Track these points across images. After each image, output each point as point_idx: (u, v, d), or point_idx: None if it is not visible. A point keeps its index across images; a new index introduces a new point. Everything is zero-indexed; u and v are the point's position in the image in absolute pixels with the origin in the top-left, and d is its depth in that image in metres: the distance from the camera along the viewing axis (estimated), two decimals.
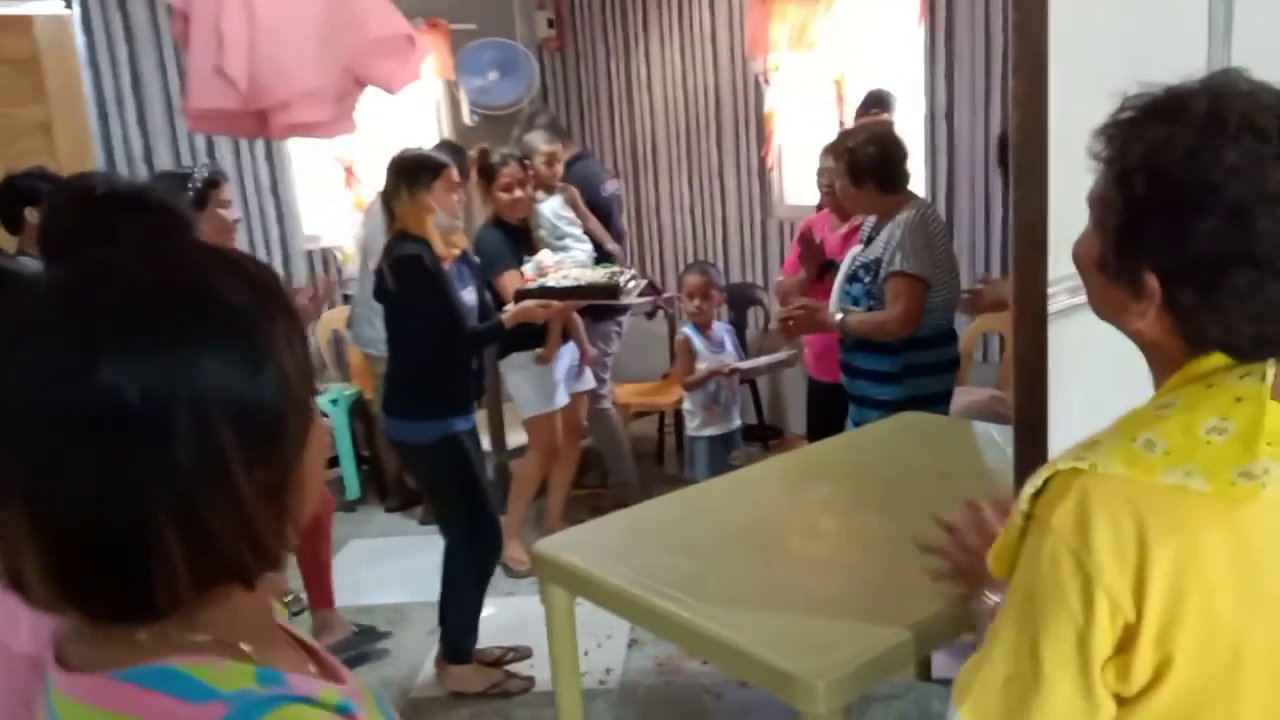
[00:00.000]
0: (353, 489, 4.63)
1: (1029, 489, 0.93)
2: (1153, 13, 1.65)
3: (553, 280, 3.38)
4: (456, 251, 2.93)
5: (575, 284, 3.36)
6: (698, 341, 3.76)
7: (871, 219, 3.10)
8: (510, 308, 3.14)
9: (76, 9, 4.30)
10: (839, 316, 2.93)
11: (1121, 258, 0.91)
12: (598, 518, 2.25)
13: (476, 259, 3.17)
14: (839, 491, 2.31)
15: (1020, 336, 1.45)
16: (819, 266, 3.42)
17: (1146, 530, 0.84)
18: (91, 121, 4.42)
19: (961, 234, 4.29)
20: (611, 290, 3.37)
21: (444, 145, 4.14)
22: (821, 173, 3.51)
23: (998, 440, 2.51)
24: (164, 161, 4.64)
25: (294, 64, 1.18)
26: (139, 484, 0.59)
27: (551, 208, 3.94)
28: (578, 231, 4.02)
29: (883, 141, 2.99)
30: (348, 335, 4.57)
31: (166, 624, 0.63)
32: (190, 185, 2.90)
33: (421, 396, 2.86)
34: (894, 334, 2.86)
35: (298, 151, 5.08)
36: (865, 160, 2.94)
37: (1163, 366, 0.95)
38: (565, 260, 3.84)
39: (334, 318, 4.76)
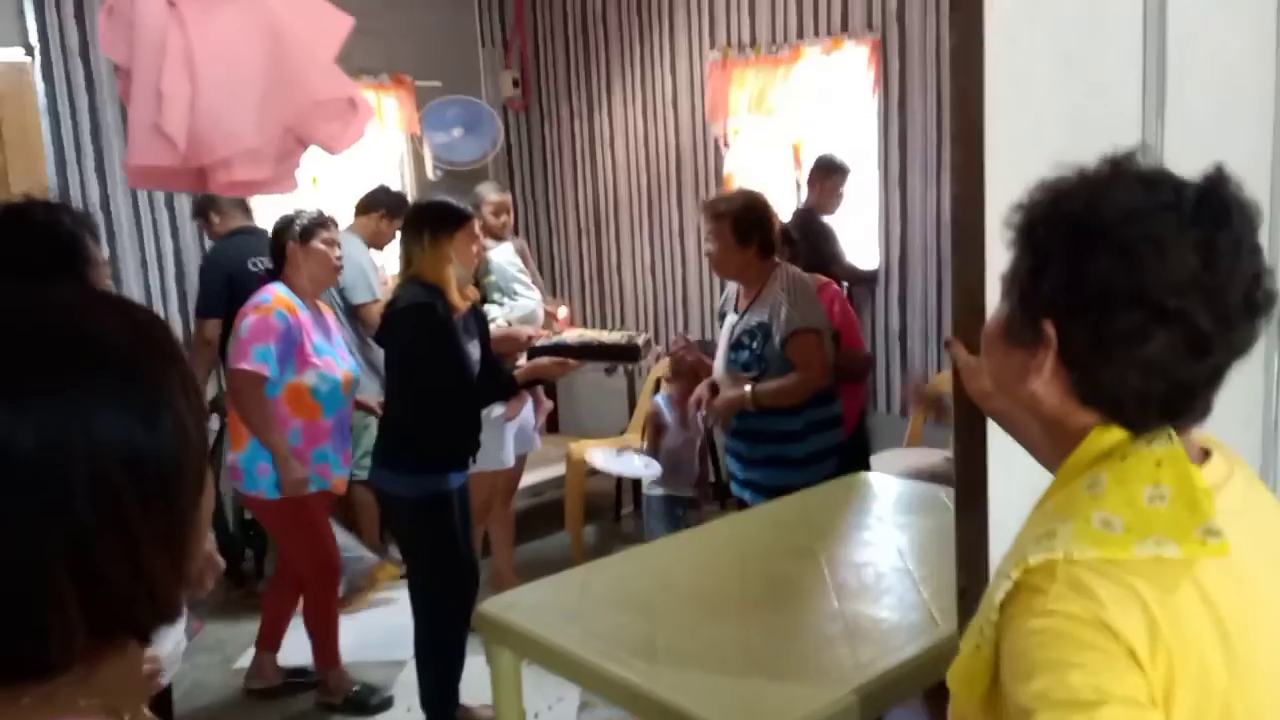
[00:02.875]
0: None
1: (1000, 594, 0.88)
2: (1089, 85, 1.72)
3: (570, 338, 3.36)
4: (467, 304, 2.87)
5: (592, 343, 3.32)
6: (668, 415, 3.66)
7: (733, 287, 3.10)
8: (523, 363, 3.10)
9: (37, 57, 4.30)
10: (748, 390, 2.88)
11: (1024, 312, 0.93)
12: (547, 576, 2.23)
13: (486, 311, 3.12)
14: (790, 551, 2.30)
15: (960, 401, 1.47)
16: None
17: (1144, 597, 0.83)
18: (49, 169, 4.38)
19: (914, 300, 4.36)
20: (633, 352, 3.30)
21: (381, 191, 4.18)
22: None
23: (947, 503, 2.53)
24: (122, 210, 4.61)
25: (235, 123, 1.19)
26: (34, 532, 0.58)
27: (502, 255, 3.96)
28: (527, 280, 4.04)
29: (764, 206, 2.99)
30: None
31: (54, 685, 0.61)
32: (298, 220, 3.03)
33: (418, 450, 2.77)
34: (816, 387, 2.89)
35: (260, 200, 5.07)
36: (753, 222, 2.92)
37: (1059, 444, 0.95)
38: (514, 308, 3.86)
39: None
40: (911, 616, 1.91)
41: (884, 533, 2.40)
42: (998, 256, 1.50)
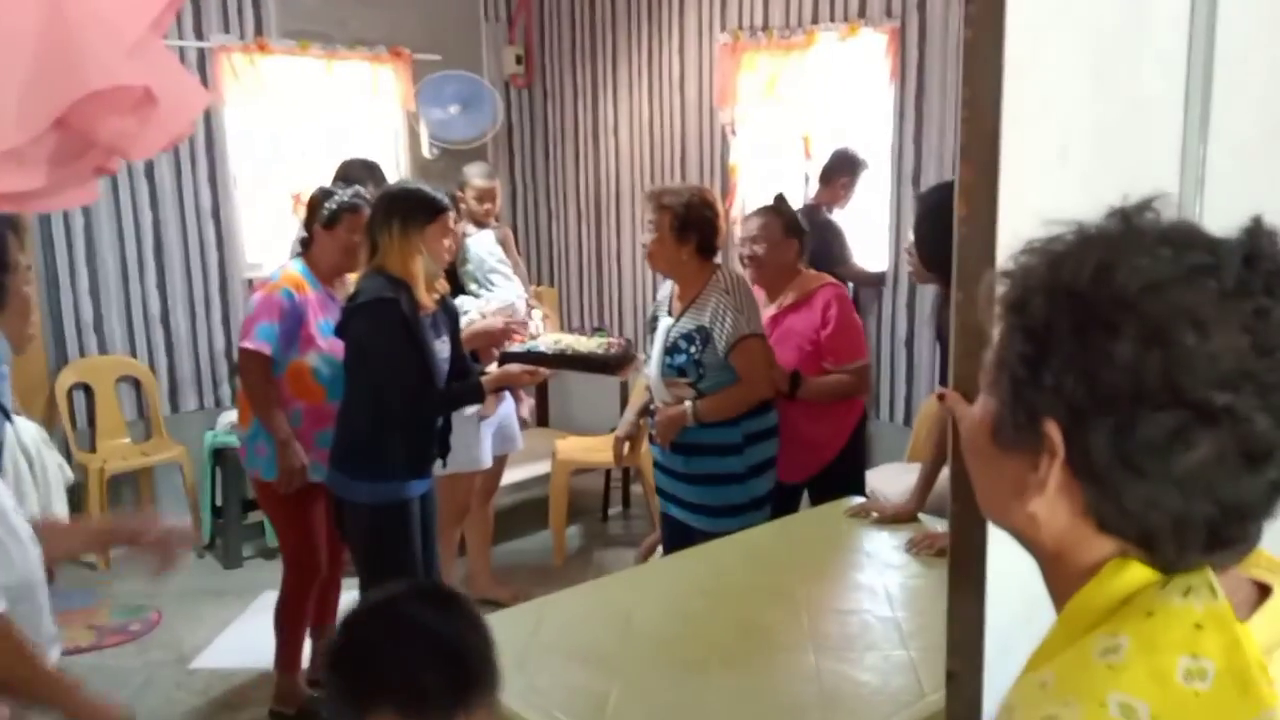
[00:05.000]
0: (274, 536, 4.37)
1: None
2: (1126, 102, 1.49)
3: (544, 345, 3.15)
4: (436, 300, 2.66)
5: (568, 352, 3.10)
6: None
7: (667, 289, 2.93)
8: (493, 369, 2.88)
9: None
10: (688, 406, 2.72)
11: (1016, 408, 0.71)
12: (497, 612, 2.03)
13: (457, 306, 2.92)
14: (767, 592, 2.10)
15: (958, 458, 1.26)
16: (787, 383, 2.95)
17: None
18: None
19: (924, 306, 4.14)
20: (609, 365, 3.09)
21: (357, 164, 3.94)
22: (745, 241, 3.09)
23: (940, 533, 2.32)
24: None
25: None
26: None
27: (481, 244, 3.74)
28: (507, 270, 3.82)
29: (712, 205, 2.81)
30: None
31: None
32: (328, 203, 2.89)
33: (372, 454, 2.58)
34: (760, 398, 2.77)
35: (243, 176, 4.87)
36: (695, 220, 2.75)
37: (1063, 579, 0.73)
38: (490, 299, 3.64)
39: None
40: (895, 681, 1.71)
41: (873, 573, 2.19)
42: None
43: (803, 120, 4.48)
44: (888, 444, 4.21)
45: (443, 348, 2.65)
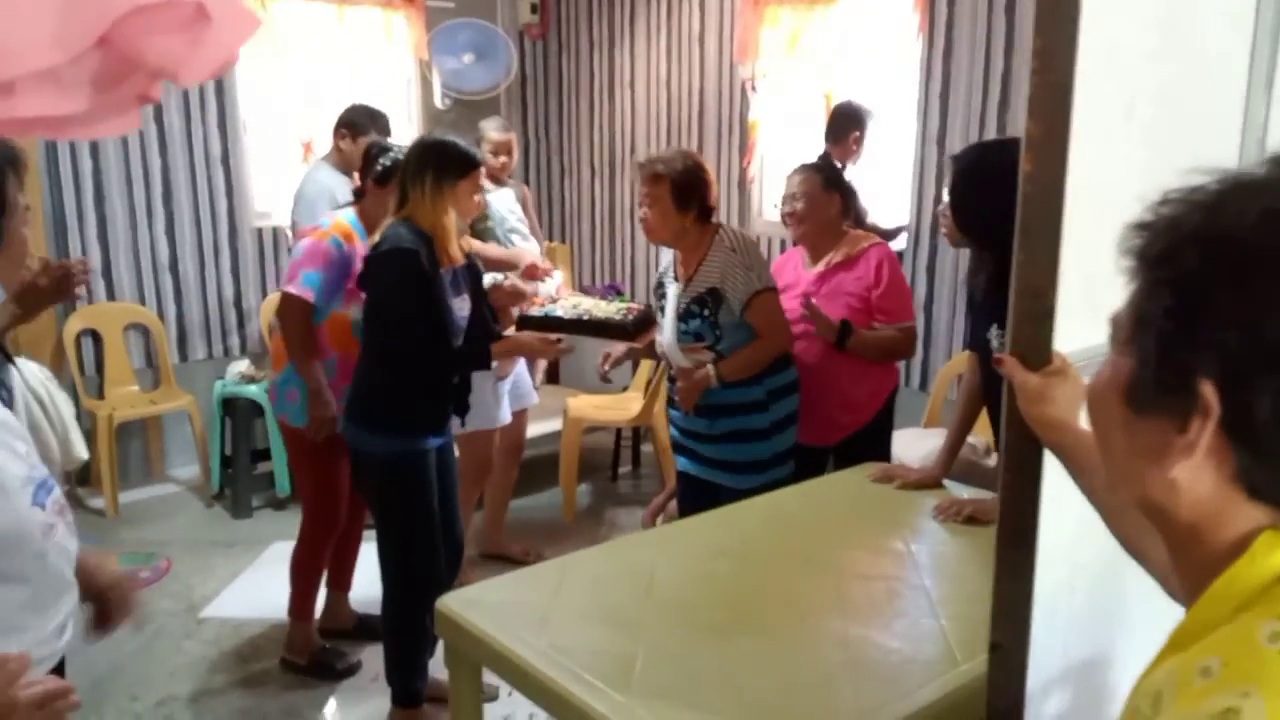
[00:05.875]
0: (284, 486, 4.35)
1: None
2: (1190, 54, 1.43)
3: (561, 310, 3.08)
4: (461, 258, 2.60)
5: (585, 318, 3.03)
6: None
7: (669, 256, 2.88)
8: (509, 336, 2.82)
9: None
10: (710, 369, 2.69)
11: (1164, 367, 0.66)
12: (517, 569, 2.00)
13: (480, 264, 2.86)
14: (793, 556, 2.07)
15: (1013, 428, 1.22)
16: (836, 333, 2.90)
17: None
18: None
19: (945, 269, 4.07)
20: (629, 331, 3.03)
21: (361, 110, 3.85)
22: (786, 199, 3.08)
23: (968, 500, 2.28)
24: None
25: (16, 33, 0.88)
26: None
27: (502, 201, 3.67)
28: (525, 229, 3.75)
29: (703, 168, 2.76)
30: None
31: None
32: (382, 159, 2.83)
33: (388, 406, 2.54)
34: (781, 350, 2.77)
35: (254, 123, 4.79)
36: (693, 185, 2.69)
37: (1202, 553, 0.69)
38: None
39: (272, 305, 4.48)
40: (927, 649, 1.68)
41: (900, 539, 2.16)
42: (1075, 253, 1.24)
43: (826, 77, 4.38)
44: (904, 409, 4.16)
45: (462, 305, 2.60)
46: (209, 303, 4.72)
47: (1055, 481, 1.26)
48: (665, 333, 2.82)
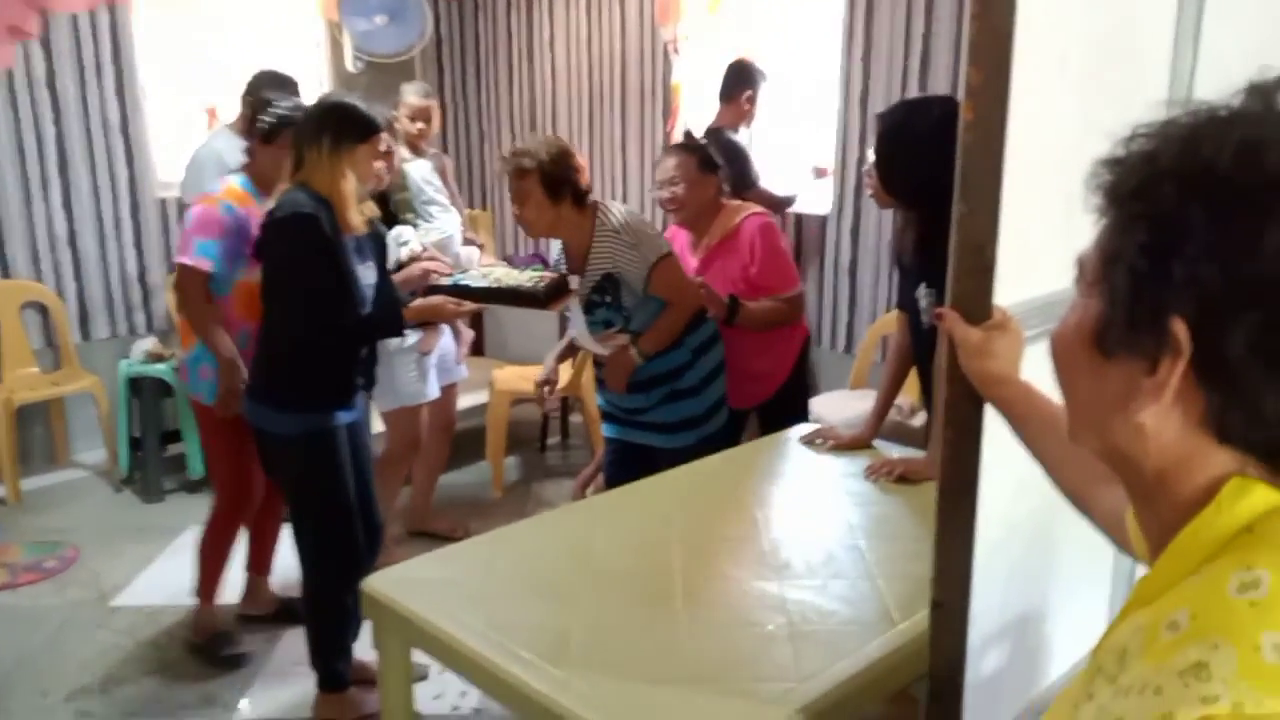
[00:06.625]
0: (196, 468, 4.18)
1: None
2: (1120, 8, 1.41)
3: (471, 279, 2.97)
4: (362, 226, 2.46)
5: (497, 286, 2.93)
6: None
7: (555, 246, 2.84)
8: (418, 301, 2.72)
9: None
10: (632, 350, 2.67)
11: (1136, 305, 0.63)
12: (446, 546, 1.94)
13: (384, 232, 2.73)
14: (725, 521, 2.04)
15: (955, 384, 1.20)
16: (726, 309, 2.88)
17: None
18: None
19: (868, 232, 4.09)
20: (539, 299, 2.93)
21: (266, 76, 3.64)
22: (662, 184, 2.96)
23: (899, 459, 2.29)
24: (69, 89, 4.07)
25: None
26: None
27: (419, 171, 3.55)
28: (444, 200, 3.64)
29: (569, 152, 2.66)
30: None
31: None
32: (264, 116, 2.71)
33: (294, 382, 2.42)
34: (694, 308, 2.74)
35: (154, 89, 4.55)
36: (561, 174, 2.60)
37: (1168, 499, 0.67)
38: (430, 230, 3.47)
39: None
40: (865, 610, 1.67)
41: (833, 502, 2.15)
42: (1016, 206, 1.22)
43: (748, 39, 4.34)
44: (831, 372, 4.19)
45: (367, 273, 2.49)
46: (111, 278, 4.49)
47: (995, 438, 1.25)
48: (575, 325, 2.76)
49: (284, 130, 2.68)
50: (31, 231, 4.27)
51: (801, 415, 3.17)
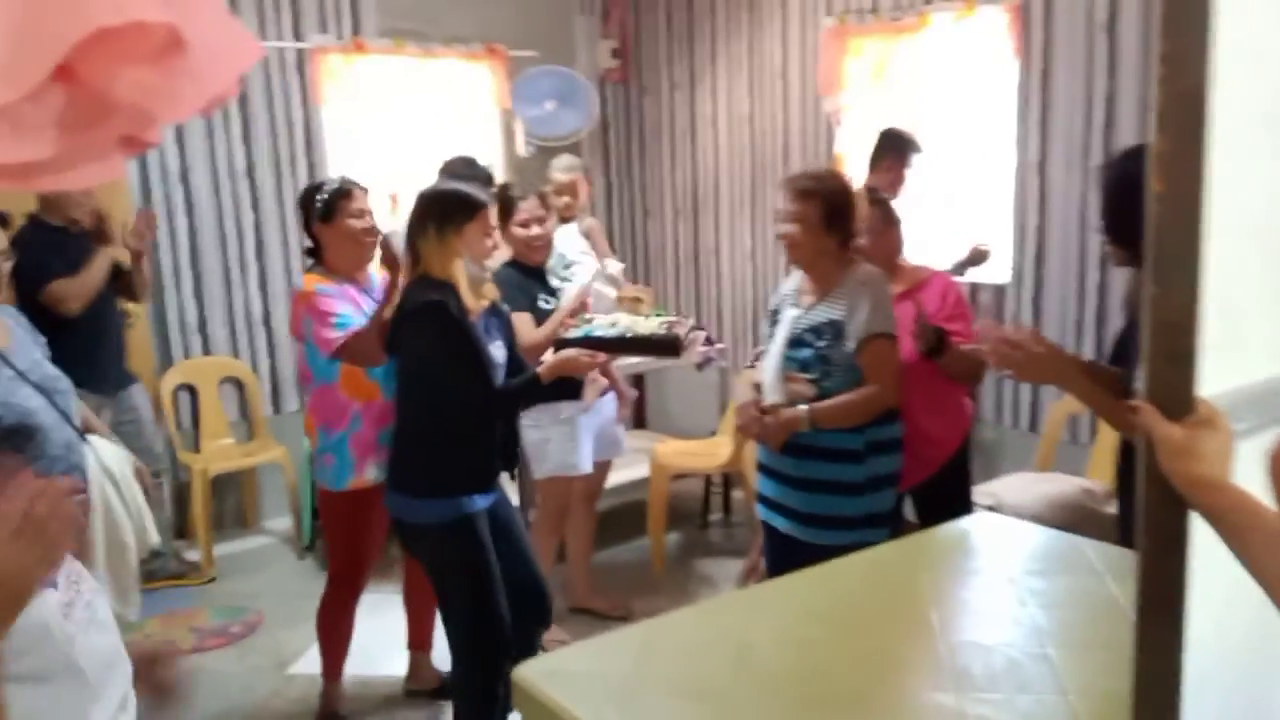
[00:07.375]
0: None
1: None
2: None
3: (600, 329, 2.96)
4: (485, 303, 2.54)
5: (627, 334, 2.90)
6: None
7: (793, 281, 2.71)
8: (548, 358, 2.73)
9: None
10: (804, 409, 2.50)
11: None
12: (607, 626, 1.89)
13: (506, 310, 2.79)
14: (897, 620, 1.90)
15: (1153, 485, 1.06)
16: (937, 337, 2.74)
17: None
18: None
19: (1050, 301, 3.86)
20: (672, 345, 2.89)
21: (458, 161, 3.79)
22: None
23: (1093, 562, 2.08)
24: (202, 184, 4.44)
25: None
26: None
27: (565, 238, 3.63)
28: (588, 260, 3.69)
29: (853, 192, 2.59)
30: None
31: None
32: (318, 197, 2.79)
33: (433, 469, 2.45)
34: (885, 406, 2.53)
35: (336, 170, 4.85)
36: (841, 208, 2.53)
37: None
38: (569, 290, 3.51)
39: None
40: None
41: (1016, 602, 1.97)
42: (1217, 284, 1.08)
43: (915, 106, 4.23)
44: (1012, 451, 3.94)
45: (498, 352, 2.52)
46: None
47: (1202, 546, 1.09)
48: (770, 358, 2.65)
49: (339, 203, 2.76)
50: (230, 311, 4.60)
51: (964, 501, 2.97)
